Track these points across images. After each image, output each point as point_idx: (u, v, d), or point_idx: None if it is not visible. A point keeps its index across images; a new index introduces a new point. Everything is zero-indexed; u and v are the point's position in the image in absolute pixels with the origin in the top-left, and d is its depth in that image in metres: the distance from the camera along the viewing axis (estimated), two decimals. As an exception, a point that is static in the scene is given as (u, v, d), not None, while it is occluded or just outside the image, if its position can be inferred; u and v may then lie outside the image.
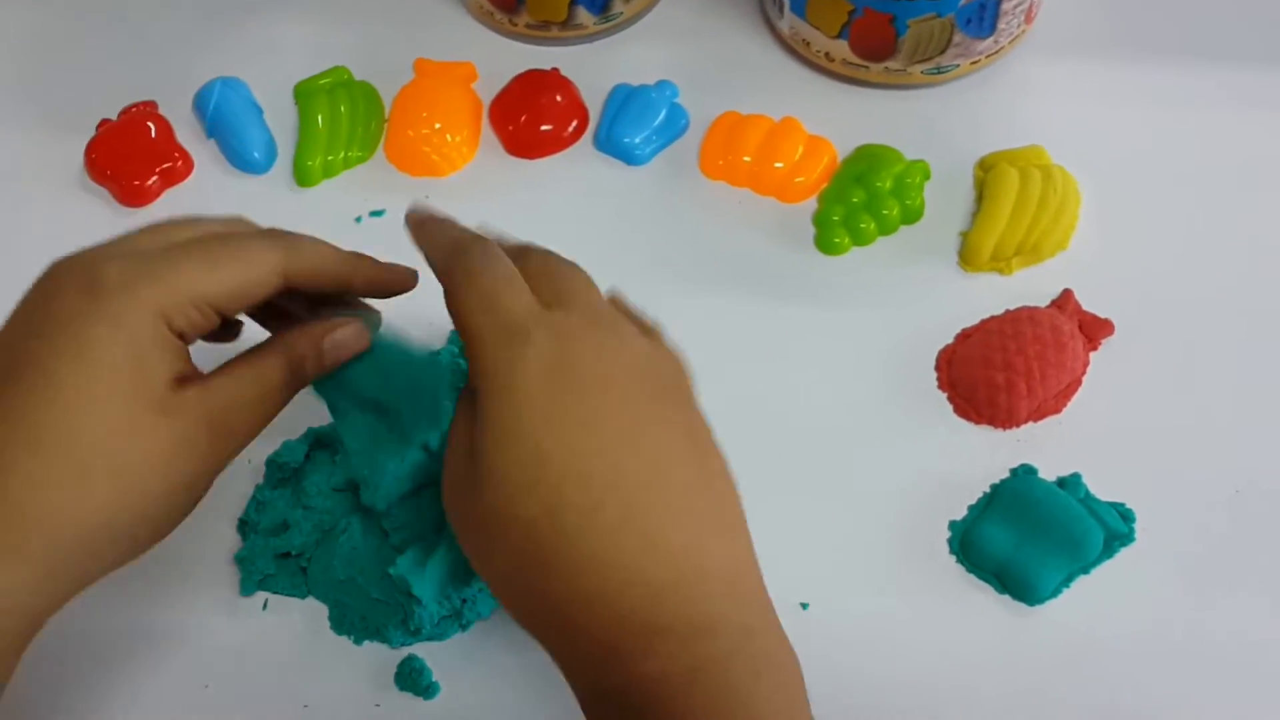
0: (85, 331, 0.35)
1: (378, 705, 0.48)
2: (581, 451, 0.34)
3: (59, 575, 0.36)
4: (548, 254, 0.39)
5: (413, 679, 0.48)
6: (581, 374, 0.35)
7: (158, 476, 0.36)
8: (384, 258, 0.57)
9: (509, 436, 0.34)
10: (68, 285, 0.36)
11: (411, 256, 0.58)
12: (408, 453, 0.43)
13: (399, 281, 0.42)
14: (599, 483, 0.34)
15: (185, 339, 0.37)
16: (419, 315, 0.56)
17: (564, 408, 0.34)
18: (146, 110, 0.61)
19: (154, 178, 0.60)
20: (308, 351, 0.39)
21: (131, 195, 0.60)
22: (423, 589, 0.45)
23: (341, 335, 0.40)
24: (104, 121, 0.61)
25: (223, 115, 0.61)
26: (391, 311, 0.55)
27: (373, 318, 0.43)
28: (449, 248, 0.38)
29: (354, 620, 0.49)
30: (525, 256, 0.38)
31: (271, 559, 0.49)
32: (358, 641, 0.49)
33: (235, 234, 0.39)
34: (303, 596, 0.50)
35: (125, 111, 0.61)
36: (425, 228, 0.40)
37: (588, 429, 0.34)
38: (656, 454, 0.35)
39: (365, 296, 0.43)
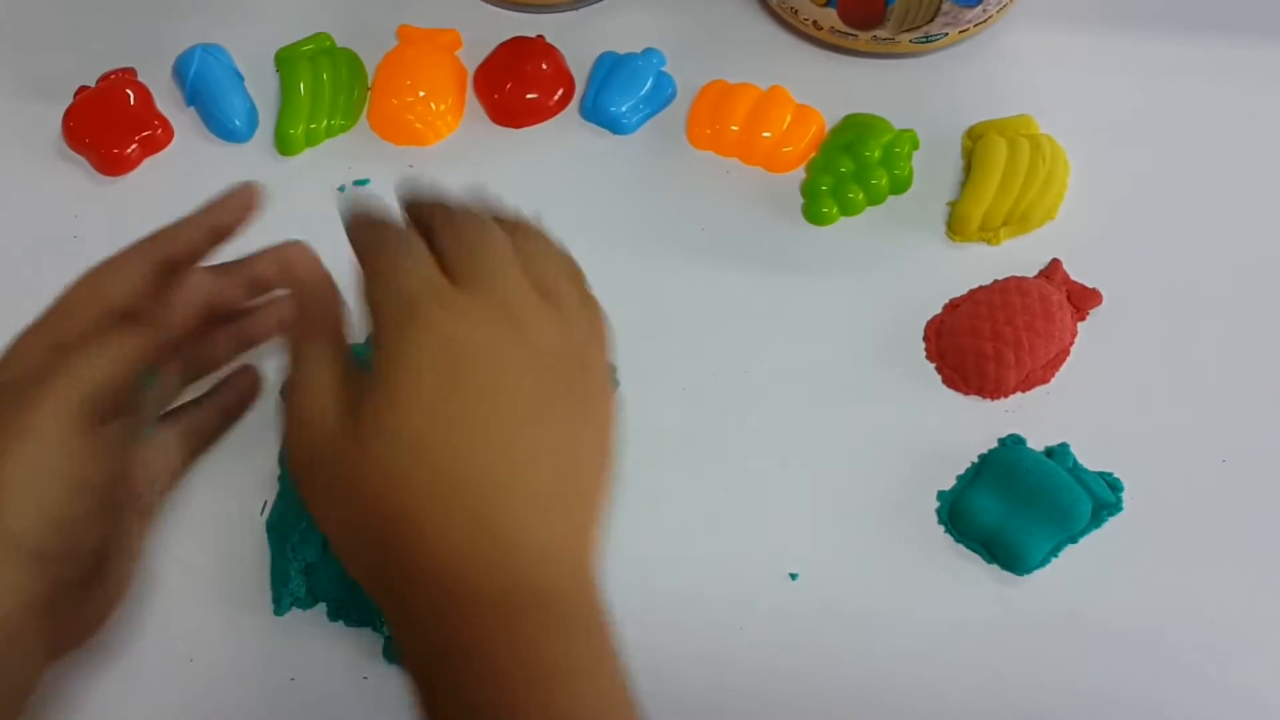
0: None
1: (365, 678, 0.47)
2: (457, 449, 0.36)
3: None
4: (468, 224, 0.40)
5: (400, 651, 0.47)
6: (470, 369, 0.37)
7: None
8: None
9: (396, 416, 0.36)
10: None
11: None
12: None
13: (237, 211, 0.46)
14: (466, 486, 0.36)
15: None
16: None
17: (447, 401, 0.36)
18: (125, 77, 0.60)
19: (133, 146, 0.59)
20: None
21: (110, 164, 0.59)
22: None
23: None
24: (82, 89, 0.60)
25: (203, 82, 0.60)
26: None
27: None
28: (367, 234, 0.40)
29: (349, 611, 0.48)
30: (446, 228, 0.40)
31: (302, 580, 0.48)
32: (349, 624, 0.48)
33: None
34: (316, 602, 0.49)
35: (104, 78, 0.60)
36: (357, 226, 0.41)
37: (466, 429, 0.36)
38: (527, 455, 0.37)
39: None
